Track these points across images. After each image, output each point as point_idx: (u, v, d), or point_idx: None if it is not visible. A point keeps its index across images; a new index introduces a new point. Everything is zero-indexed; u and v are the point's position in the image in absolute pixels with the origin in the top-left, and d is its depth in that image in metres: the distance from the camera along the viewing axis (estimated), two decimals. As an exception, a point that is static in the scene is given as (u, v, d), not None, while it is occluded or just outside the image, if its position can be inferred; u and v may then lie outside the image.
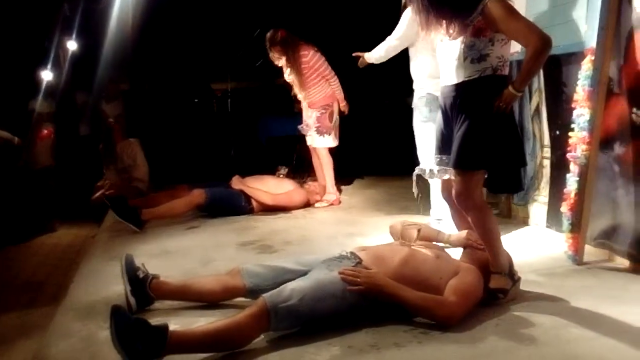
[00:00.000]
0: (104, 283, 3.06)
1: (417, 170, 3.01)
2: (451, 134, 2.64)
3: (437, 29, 2.60)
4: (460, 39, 2.53)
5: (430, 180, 3.70)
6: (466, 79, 2.55)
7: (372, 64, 4.15)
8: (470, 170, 2.56)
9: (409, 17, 3.81)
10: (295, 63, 4.93)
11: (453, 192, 2.65)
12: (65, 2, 7.10)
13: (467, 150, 2.53)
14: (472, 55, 2.51)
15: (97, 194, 5.31)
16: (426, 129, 3.63)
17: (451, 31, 2.56)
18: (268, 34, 5.01)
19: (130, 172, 5.62)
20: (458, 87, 2.58)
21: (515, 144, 2.60)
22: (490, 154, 2.52)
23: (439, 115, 2.78)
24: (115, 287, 2.82)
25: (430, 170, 2.75)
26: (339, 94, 5.03)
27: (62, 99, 7.48)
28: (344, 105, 5.06)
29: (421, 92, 3.73)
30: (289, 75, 5.06)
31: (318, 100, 5.04)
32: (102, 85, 7.26)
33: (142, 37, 7.46)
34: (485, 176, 2.64)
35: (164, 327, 2.03)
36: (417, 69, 3.74)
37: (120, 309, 2.06)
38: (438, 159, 2.72)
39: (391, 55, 3.99)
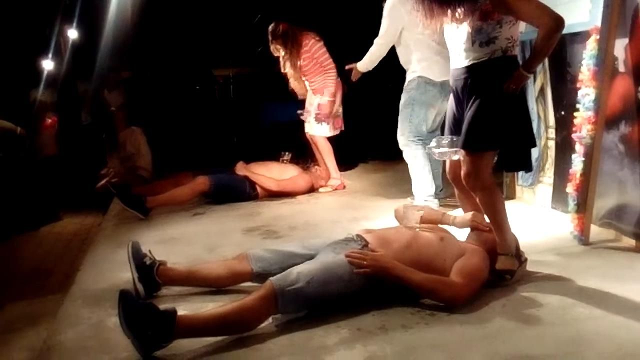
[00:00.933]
0: (111, 270, 3.07)
1: (426, 150, 3.01)
2: (462, 115, 2.64)
3: (441, 17, 2.57)
4: (467, 22, 2.51)
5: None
6: (476, 61, 2.54)
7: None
8: (479, 151, 2.56)
9: (389, 12, 3.86)
10: (293, 56, 4.93)
11: (462, 172, 2.64)
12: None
13: (477, 131, 2.53)
14: (481, 38, 2.50)
15: (102, 182, 5.31)
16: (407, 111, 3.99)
17: (457, 16, 2.54)
18: (270, 27, 4.98)
19: (134, 161, 5.62)
20: (468, 69, 2.58)
21: (525, 124, 2.59)
22: (500, 135, 2.52)
23: (450, 97, 2.78)
24: (123, 275, 2.83)
25: (441, 152, 2.74)
26: (330, 87, 4.96)
27: (63, 88, 7.47)
28: (331, 101, 5.01)
29: (412, 75, 3.96)
30: (285, 69, 5.05)
31: (322, 87, 5.01)
32: (104, 74, 7.25)
33: (142, 24, 7.43)
34: (496, 157, 2.63)
35: (173, 312, 2.04)
36: (405, 56, 3.99)
37: (128, 294, 2.07)
38: (449, 140, 2.71)
39: (381, 56, 4.21)
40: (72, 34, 7.45)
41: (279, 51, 5.01)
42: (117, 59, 7.43)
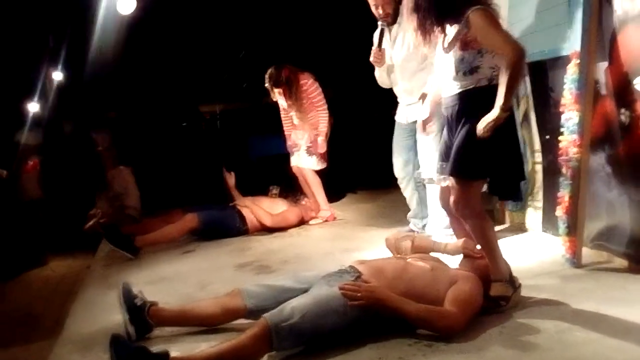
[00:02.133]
0: (102, 313, 3.02)
1: (416, 175, 3.03)
2: (452, 142, 2.66)
3: (434, 42, 2.62)
4: (452, 52, 2.56)
5: (428, 188, 3.73)
6: (463, 90, 2.59)
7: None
8: (466, 179, 2.57)
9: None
10: (298, 101, 4.94)
11: (451, 199, 2.65)
12: (50, 34, 7.11)
13: (463, 159, 2.54)
14: (464, 68, 2.54)
15: (90, 222, 5.27)
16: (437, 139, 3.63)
17: (445, 45, 2.59)
18: (271, 74, 4.94)
19: (122, 200, 5.59)
20: (457, 97, 2.62)
21: (514, 155, 2.61)
22: (486, 164, 2.53)
23: (444, 125, 2.81)
24: (114, 317, 2.78)
25: (430, 177, 2.76)
26: (323, 126, 4.97)
27: (49, 130, 7.46)
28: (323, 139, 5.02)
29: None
30: (286, 108, 5.07)
31: (314, 122, 5.04)
32: (90, 114, 7.25)
33: (127, 63, 7.46)
34: (485, 185, 2.65)
35: (165, 354, 2.01)
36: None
37: (119, 338, 2.04)
38: (439, 166, 2.73)
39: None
40: (57, 76, 7.47)
41: (279, 96, 5.00)
42: (103, 99, 7.45)
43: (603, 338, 2.21)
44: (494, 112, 2.44)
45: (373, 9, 3.77)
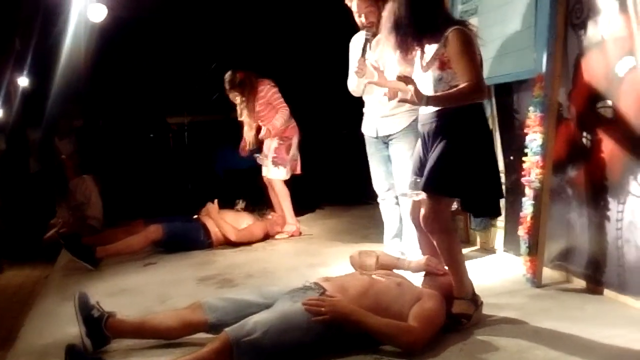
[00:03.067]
0: (58, 325, 2.94)
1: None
2: (427, 159, 2.68)
3: (413, 60, 2.64)
4: (430, 71, 2.59)
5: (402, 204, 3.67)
6: (440, 109, 2.60)
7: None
8: (438, 194, 2.59)
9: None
10: (249, 103, 5.00)
11: (420, 214, 2.66)
12: (16, 37, 6.98)
13: (437, 175, 2.56)
14: (441, 88, 2.57)
15: (50, 232, 5.15)
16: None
17: (423, 64, 2.62)
18: (227, 76, 5.06)
19: (84, 210, 5.49)
20: (435, 114, 2.63)
21: (491, 173, 2.64)
22: (461, 182, 2.55)
23: (418, 141, 2.82)
24: (70, 329, 2.69)
25: (403, 192, 2.77)
26: (278, 124, 4.96)
27: (12, 136, 7.29)
28: (272, 134, 5.02)
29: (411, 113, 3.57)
30: (241, 116, 5.08)
31: (278, 131, 5.04)
32: (55, 122, 7.12)
33: (95, 72, 7.37)
34: (455, 204, 2.67)
35: (122, 367, 1.96)
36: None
37: (75, 348, 1.98)
38: (413, 180, 2.74)
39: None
40: (23, 81, 7.32)
41: (235, 99, 5.07)
42: (69, 107, 7.32)
43: (561, 356, 2.23)
44: (417, 94, 2.47)
45: (356, 17, 3.71)
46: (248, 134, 5.17)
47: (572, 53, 3.02)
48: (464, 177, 2.54)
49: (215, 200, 4.81)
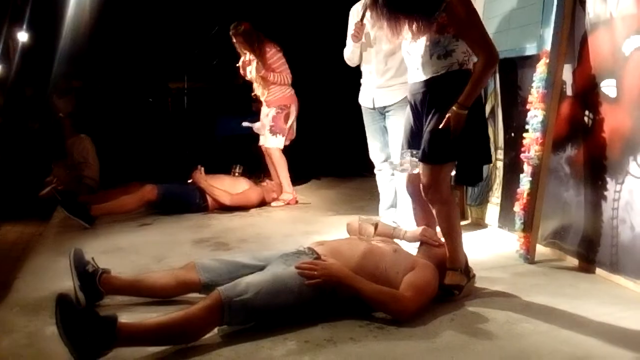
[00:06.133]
0: (52, 278, 2.95)
1: (388, 165, 3.02)
2: (421, 129, 2.66)
3: (402, 31, 2.60)
4: (426, 36, 2.55)
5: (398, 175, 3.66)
6: (434, 75, 2.58)
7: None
8: (439, 164, 2.58)
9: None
10: (260, 57, 4.89)
11: (421, 185, 2.66)
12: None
13: (436, 144, 2.55)
14: (438, 51, 2.54)
15: (47, 189, 5.14)
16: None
17: (415, 30, 2.57)
18: (232, 25, 4.96)
19: (81, 170, 5.47)
20: (426, 83, 2.61)
21: (483, 138, 2.64)
22: (458, 147, 2.54)
23: (407, 111, 2.80)
24: (64, 283, 2.70)
25: (402, 165, 2.75)
26: (271, 77, 4.91)
27: (11, 92, 7.23)
28: (280, 113, 5.00)
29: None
30: (250, 73, 5.00)
31: (276, 99, 5.02)
32: (54, 79, 7.05)
33: (97, 33, 7.28)
34: (453, 170, 2.66)
35: (113, 318, 1.97)
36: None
37: (66, 298, 1.97)
38: (409, 154, 2.73)
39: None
40: (22, 36, 7.22)
41: (243, 52, 4.97)
42: (69, 66, 7.25)
43: (551, 330, 2.26)
44: (452, 109, 2.46)
45: None
46: (261, 91, 5.07)
47: (579, 30, 2.99)
48: (459, 143, 2.52)
49: (201, 167, 4.76)
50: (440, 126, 2.50)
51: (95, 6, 6.91)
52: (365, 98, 3.90)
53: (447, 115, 2.49)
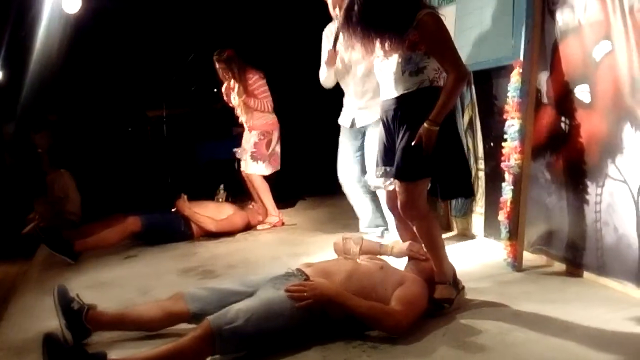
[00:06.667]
0: (37, 319, 2.90)
1: (365, 182, 3.03)
2: (393, 145, 2.67)
3: (374, 48, 2.62)
4: (397, 53, 2.57)
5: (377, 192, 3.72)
6: (405, 92, 2.59)
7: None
8: (413, 181, 2.59)
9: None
10: (242, 83, 4.90)
11: (398, 202, 2.66)
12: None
13: (409, 161, 2.55)
14: (410, 68, 2.56)
15: (28, 227, 5.07)
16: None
17: (387, 48, 2.60)
18: (217, 51, 4.97)
19: (62, 205, 5.41)
20: (398, 100, 2.63)
21: (457, 152, 2.65)
22: (432, 164, 2.55)
23: (380, 128, 2.81)
24: (50, 323, 2.65)
25: (376, 184, 2.76)
26: (252, 104, 4.91)
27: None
28: (262, 140, 5.01)
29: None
30: (234, 98, 5.00)
31: (259, 125, 5.01)
32: (29, 115, 7.00)
33: (71, 65, 7.25)
34: (429, 185, 2.67)
35: (102, 354, 1.94)
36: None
37: (53, 338, 1.94)
38: (382, 171, 2.74)
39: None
40: (-4, 75, 7.19)
41: (225, 77, 4.98)
42: (45, 101, 7.20)
43: (543, 338, 2.26)
44: (424, 126, 2.48)
45: (330, 8, 3.79)
46: (243, 117, 5.06)
47: (550, 39, 3.04)
48: (433, 159, 2.53)
49: (184, 196, 4.73)
50: (412, 143, 2.51)
51: (68, 37, 6.88)
52: (345, 119, 3.99)
53: (418, 132, 2.50)
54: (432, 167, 2.57)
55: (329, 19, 3.92)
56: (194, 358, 2.08)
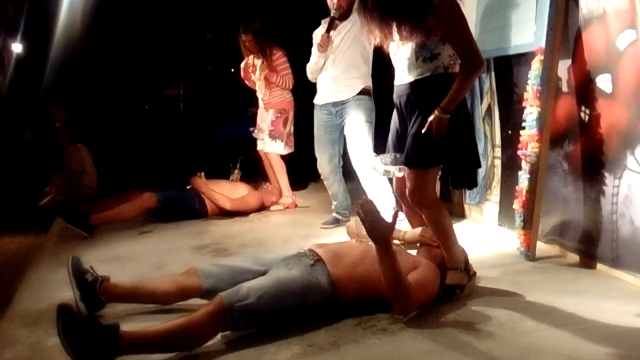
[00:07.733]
0: (52, 289, 2.94)
1: (372, 168, 3.01)
2: (406, 131, 2.65)
3: (391, 34, 2.60)
4: (412, 41, 2.55)
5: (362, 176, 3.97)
6: (419, 77, 2.57)
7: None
8: (423, 168, 2.57)
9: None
10: (267, 57, 4.86)
11: (407, 189, 2.65)
12: (9, 3, 6.87)
13: (419, 148, 2.54)
14: (424, 54, 2.53)
15: (45, 199, 5.13)
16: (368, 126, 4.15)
17: (404, 33, 2.57)
18: (242, 24, 4.91)
19: (79, 179, 5.47)
20: (411, 85, 2.60)
21: (469, 143, 2.61)
22: (442, 151, 2.53)
23: (394, 114, 2.79)
24: (64, 294, 2.69)
25: (385, 170, 2.75)
26: (274, 79, 4.88)
27: (5, 103, 7.23)
28: (280, 118, 5.01)
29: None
30: (254, 73, 4.94)
31: (276, 102, 4.99)
32: (50, 90, 7.05)
33: (91, 42, 7.28)
34: (440, 173, 2.65)
35: (115, 326, 1.96)
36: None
37: (67, 308, 1.97)
38: (392, 157, 2.72)
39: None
40: (17, 47, 7.23)
41: (247, 53, 4.94)
42: (64, 76, 7.25)
43: (553, 328, 2.26)
44: (435, 113, 2.46)
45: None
46: (262, 91, 5.01)
47: (573, 26, 2.99)
48: (444, 146, 2.51)
49: (201, 173, 4.75)
50: (423, 130, 2.49)
51: (89, 15, 6.90)
52: (321, 95, 4.19)
53: (429, 120, 2.49)
54: (442, 155, 2.55)
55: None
56: (206, 333, 2.10)
